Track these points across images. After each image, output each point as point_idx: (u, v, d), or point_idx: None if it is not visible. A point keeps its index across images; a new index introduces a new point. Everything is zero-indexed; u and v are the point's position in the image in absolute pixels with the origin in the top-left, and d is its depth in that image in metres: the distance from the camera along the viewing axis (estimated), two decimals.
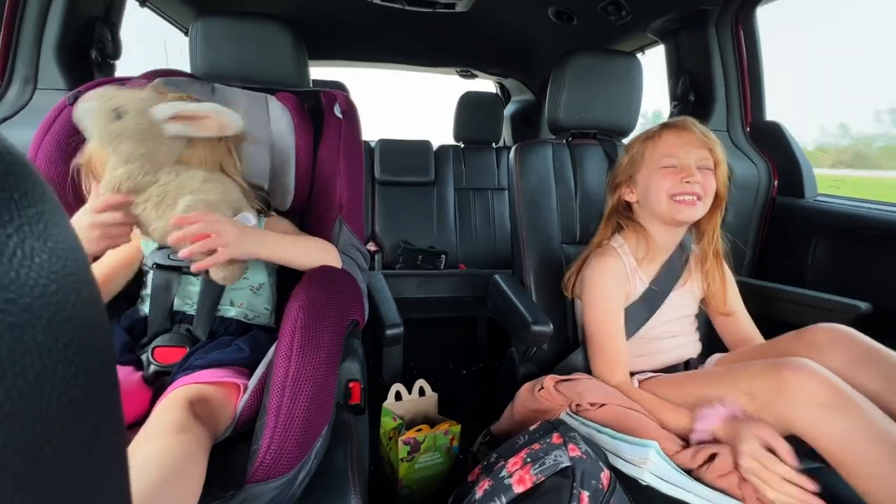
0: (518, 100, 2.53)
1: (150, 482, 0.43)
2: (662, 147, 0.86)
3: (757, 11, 1.26)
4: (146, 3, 1.37)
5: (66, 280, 0.14)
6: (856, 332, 0.71)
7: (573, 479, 0.56)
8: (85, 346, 0.15)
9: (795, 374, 0.61)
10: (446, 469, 1.05)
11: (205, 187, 0.67)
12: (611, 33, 1.57)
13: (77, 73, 1.05)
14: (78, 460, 0.15)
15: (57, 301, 0.14)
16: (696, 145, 0.84)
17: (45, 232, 0.14)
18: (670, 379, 0.80)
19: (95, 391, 0.15)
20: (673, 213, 0.84)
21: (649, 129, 0.91)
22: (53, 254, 0.14)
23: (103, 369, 0.16)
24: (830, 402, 0.58)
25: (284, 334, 0.59)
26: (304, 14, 1.72)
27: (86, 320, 0.15)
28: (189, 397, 0.54)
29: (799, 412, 0.60)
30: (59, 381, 0.14)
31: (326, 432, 0.59)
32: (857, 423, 0.56)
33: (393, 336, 0.90)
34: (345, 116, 0.92)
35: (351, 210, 0.88)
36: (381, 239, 1.90)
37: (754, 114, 1.32)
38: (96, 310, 0.16)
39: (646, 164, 0.88)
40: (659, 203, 0.85)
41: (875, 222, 1.02)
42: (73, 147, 0.78)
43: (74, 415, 0.14)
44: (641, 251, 0.90)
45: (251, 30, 0.94)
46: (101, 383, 0.16)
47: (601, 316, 0.87)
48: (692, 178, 0.82)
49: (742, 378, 0.67)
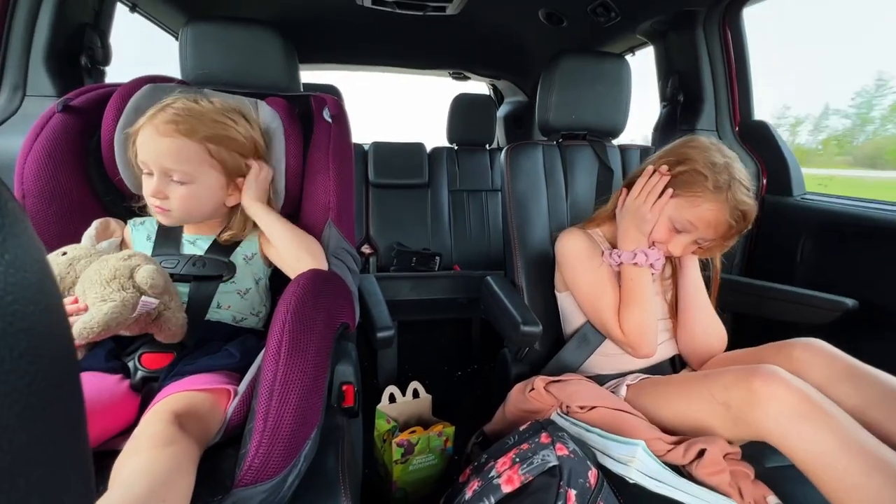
0: (511, 101, 2.54)
1: (136, 495, 0.42)
2: (702, 211, 0.81)
3: (743, 12, 1.27)
4: (136, 9, 1.37)
5: (24, 291, 0.14)
6: (835, 349, 0.71)
7: (560, 478, 0.56)
8: (42, 356, 0.15)
9: (766, 382, 0.61)
10: (441, 470, 1.05)
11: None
12: (600, 35, 1.58)
13: (67, 80, 1.06)
14: (36, 469, 0.15)
15: (13, 312, 0.14)
16: (721, 233, 0.83)
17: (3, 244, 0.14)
18: (652, 388, 0.80)
19: (53, 400, 0.16)
20: (660, 238, 0.88)
21: (721, 169, 0.81)
22: (11, 265, 0.14)
23: (63, 377, 0.17)
24: (801, 412, 0.58)
25: (272, 338, 0.59)
26: (295, 18, 1.72)
27: (44, 330, 0.15)
28: (176, 409, 0.54)
29: (771, 422, 0.60)
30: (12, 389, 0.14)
31: (315, 435, 0.59)
32: (828, 433, 0.56)
33: (384, 339, 0.90)
34: (334, 120, 0.92)
35: (341, 213, 0.88)
36: (375, 241, 1.91)
37: (743, 113, 1.33)
38: (56, 320, 0.16)
39: (681, 193, 0.84)
40: (659, 229, 0.87)
41: (860, 219, 1.03)
42: (63, 153, 0.79)
43: (27, 423, 0.14)
44: (615, 235, 0.94)
45: (241, 35, 0.94)
46: (59, 392, 0.16)
47: (588, 275, 0.89)
48: (676, 251, 0.86)
49: (716, 388, 0.67)
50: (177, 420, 0.52)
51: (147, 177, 0.74)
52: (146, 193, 0.74)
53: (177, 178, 0.72)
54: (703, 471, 0.63)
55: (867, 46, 1.93)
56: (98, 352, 0.66)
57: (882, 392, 0.64)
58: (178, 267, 0.75)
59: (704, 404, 0.68)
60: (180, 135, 0.71)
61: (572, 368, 0.93)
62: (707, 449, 0.64)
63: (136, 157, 0.74)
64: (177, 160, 0.72)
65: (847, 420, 0.58)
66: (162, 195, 0.72)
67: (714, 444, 0.65)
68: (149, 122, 0.72)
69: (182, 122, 0.71)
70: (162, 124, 0.71)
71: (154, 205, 0.74)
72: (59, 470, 0.16)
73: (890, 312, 0.94)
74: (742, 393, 0.63)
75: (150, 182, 0.73)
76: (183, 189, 0.73)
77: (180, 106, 0.73)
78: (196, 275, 0.75)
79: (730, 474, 0.63)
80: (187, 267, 0.75)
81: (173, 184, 0.73)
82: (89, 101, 0.83)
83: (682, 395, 0.73)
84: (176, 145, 0.71)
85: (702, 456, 0.64)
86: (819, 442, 0.56)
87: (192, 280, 0.75)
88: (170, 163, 0.71)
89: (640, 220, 0.87)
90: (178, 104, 0.74)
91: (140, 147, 0.72)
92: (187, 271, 0.75)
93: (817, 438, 0.56)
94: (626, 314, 0.85)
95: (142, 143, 0.72)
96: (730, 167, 0.82)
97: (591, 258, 0.90)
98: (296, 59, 1.00)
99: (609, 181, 1.12)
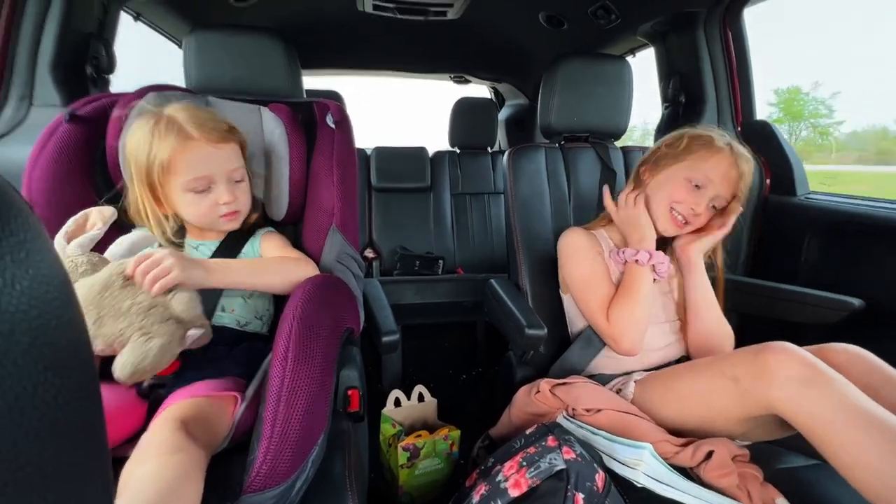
0: (512, 104, 2.54)
1: (145, 503, 0.43)
2: (708, 166, 0.86)
3: (744, 13, 1.27)
4: (140, 18, 1.39)
5: (47, 305, 0.15)
6: (873, 356, 0.71)
7: (568, 482, 0.56)
8: (66, 368, 0.15)
9: (776, 354, 0.62)
10: (447, 475, 1.05)
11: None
12: (601, 37, 1.59)
13: (72, 89, 1.07)
14: (60, 480, 0.15)
15: (38, 326, 0.14)
16: (728, 184, 0.87)
17: (27, 259, 0.15)
18: (661, 375, 0.80)
19: (77, 411, 0.16)
20: (660, 223, 0.90)
21: (708, 131, 0.90)
22: (35, 280, 0.15)
23: (85, 389, 0.17)
24: (808, 379, 0.59)
25: (279, 344, 0.59)
26: (297, 25, 1.74)
27: (67, 343, 0.15)
28: (182, 416, 0.54)
29: (777, 390, 0.61)
30: (40, 402, 0.14)
31: (323, 441, 0.59)
32: (834, 399, 0.57)
33: (389, 343, 0.90)
34: (337, 126, 0.92)
35: (345, 218, 0.88)
36: (378, 246, 1.91)
37: (744, 113, 1.33)
38: (78, 332, 0.17)
39: (678, 164, 0.89)
40: (656, 207, 0.90)
41: (865, 218, 1.02)
42: (70, 163, 0.79)
43: (56, 435, 0.15)
44: (622, 238, 0.94)
45: (244, 42, 0.95)
46: (82, 403, 0.17)
47: (583, 267, 0.91)
48: (699, 208, 0.86)
49: (726, 365, 0.68)
50: (184, 427, 0.52)
51: (201, 194, 0.72)
52: (212, 205, 0.73)
53: (237, 176, 0.76)
54: (711, 473, 0.63)
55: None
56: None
57: None
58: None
59: (714, 380, 0.69)
60: (231, 134, 0.76)
61: (577, 370, 0.93)
62: (715, 451, 0.64)
63: (173, 181, 0.71)
64: (237, 159, 0.76)
65: (849, 386, 0.58)
66: (234, 197, 0.75)
67: (722, 445, 0.64)
68: (189, 139, 0.70)
69: (217, 122, 0.74)
70: (210, 132, 0.71)
71: (227, 212, 0.75)
72: (81, 481, 0.16)
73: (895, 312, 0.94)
74: (751, 366, 0.64)
75: (209, 195, 0.73)
76: (242, 185, 0.78)
77: (190, 111, 0.73)
78: None
79: (738, 476, 0.62)
80: None
81: (236, 184, 0.76)
82: (95, 111, 0.84)
83: (691, 377, 0.74)
84: (229, 147, 0.75)
85: (710, 458, 0.64)
86: (820, 405, 0.57)
87: None
88: (234, 163, 0.75)
89: (632, 224, 0.90)
90: (184, 110, 0.73)
91: (197, 164, 0.71)
92: None
93: (819, 401, 0.58)
94: (616, 306, 0.86)
95: (197, 160, 0.71)
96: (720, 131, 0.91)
97: (586, 251, 0.92)
98: (298, 66, 1.00)
99: (612, 183, 1.12)
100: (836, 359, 0.71)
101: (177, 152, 0.70)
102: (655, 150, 0.95)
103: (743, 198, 0.90)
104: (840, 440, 0.56)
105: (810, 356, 0.62)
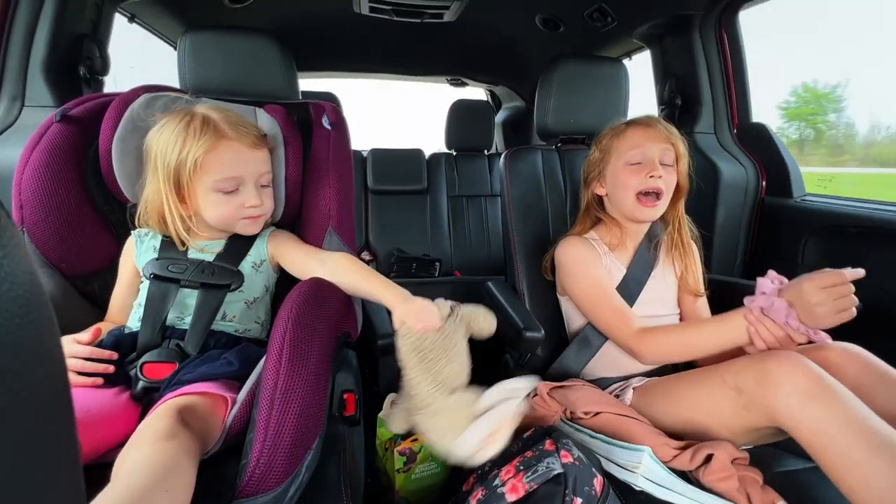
0: (508, 107, 2.55)
1: (139, 485, 0.43)
2: (628, 141, 0.90)
3: (739, 15, 1.28)
4: (135, 19, 1.38)
5: (8, 304, 0.14)
6: (871, 355, 0.71)
7: (566, 486, 0.55)
8: (26, 368, 0.14)
9: (780, 364, 0.62)
10: (444, 479, 1.04)
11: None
12: (597, 39, 1.59)
13: (65, 90, 1.06)
14: (17, 493, 0.14)
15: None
16: (659, 140, 0.88)
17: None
18: (660, 383, 0.80)
19: (39, 410, 0.15)
20: (636, 214, 0.90)
21: (616, 125, 0.95)
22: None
23: (50, 390, 0.16)
24: (812, 392, 0.58)
25: (273, 347, 0.58)
26: (293, 26, 1.73)
27: (30, 344, 0.15)
28: (178, 406, 0.54)
29: (781, 401, 0.60)
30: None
31: (317, 445, 0.58)
32: (835, 412, 0.57)
33: (385, 346, 0.89)
34: (333, 127, 0.92)
35: (341, 220, 0.88)
36: (375, 248, 1.90)
37: (741, 116, 1.34)
38: (45, 331, 0.16)
39: (613, 159, 0.92)
40: (625, 201, 0.90)
41: (861, 220, 1.02)
42: (61, 163, 0.78)
43: (13, 447, 0.14)
44: (615, 239, 0.94)
45: (239, 43, 0.94)
46: (46, 403, 0.16)
47: (589, 279, 0.90)
48: (655, 172, 0.86)
49: (728, 373, 0.68)
50: (180, 416, 0.52)
51: (229, 195, 0.73)
52: (238, 206, 0.74)
53: (265, 181, 0.78)
54: (710, 477, 0.63)
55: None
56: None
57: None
58: (186, 273, 0.74)
59: (715, 389, 0.68)
60: (265, 141, 0.79)
61: (574, 372, 0.93)
62: (715, 454, 0.63)
63: (203, 179, 0.72)
64: (266, 164, 0.78)
65: (856, 402, 0.58)
66: (261, 202, 0.76)
67: (722, 449, 0.64)
68: (223, 138, 0.72)
69: (253, 127, 0.77)
70: (248, 135, 0.74)
71: (253, 215, 0.76)
72: (50, 476, 0.15)
73: (894, 313, 0.94)
74: (755, 375, 0.63)
75: (237, 196, 0.74)
76: (268, 191, 0.79)
77: (223, 112, 0.75)
78: (204, 282, 0.74)
79: (738, 480, 0.62)
80: (196, 273, 0.74)
81: (263, 189, 0.77)
82: (88, 111, 0.83)
83: (692, 385, 0.73)
84: (262, 151, 0.77)
85: (709, 461, 0.64)
86: (824, 420, 0.57)
87: (200, 287, 0.74)
88: (265, 168, 0.78)
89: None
90: (217, 112, 0.75)
91: (231, 163, 0.73)
92: (196, 277, 0.74)
93: (823, 416, 0.57)
94: (666, 336, 0.79)
95: (233, 160, 0.73)
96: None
97: (587, 263, 0.91)
98: (294, 67, 1.00)
99: None
100: (833, 358, 0.71)
101: (210, 151, 0.71)
102: (587, 168, 0.99)
103: (682, 149, 0.91)
104: (843, 461, 0.55)
105: (815, 367, 0.61)
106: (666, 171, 0.87)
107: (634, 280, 0.92)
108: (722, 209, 1.25)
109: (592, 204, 0.98)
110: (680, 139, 0.90)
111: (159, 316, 0.71)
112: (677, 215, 0.95)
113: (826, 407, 0.57)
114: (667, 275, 0.96)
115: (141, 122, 0.78)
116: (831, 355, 0.72)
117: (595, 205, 0.98)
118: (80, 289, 0.81)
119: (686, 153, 0.91)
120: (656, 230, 0.96)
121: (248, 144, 0.74)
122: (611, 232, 0.95)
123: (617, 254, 0.94)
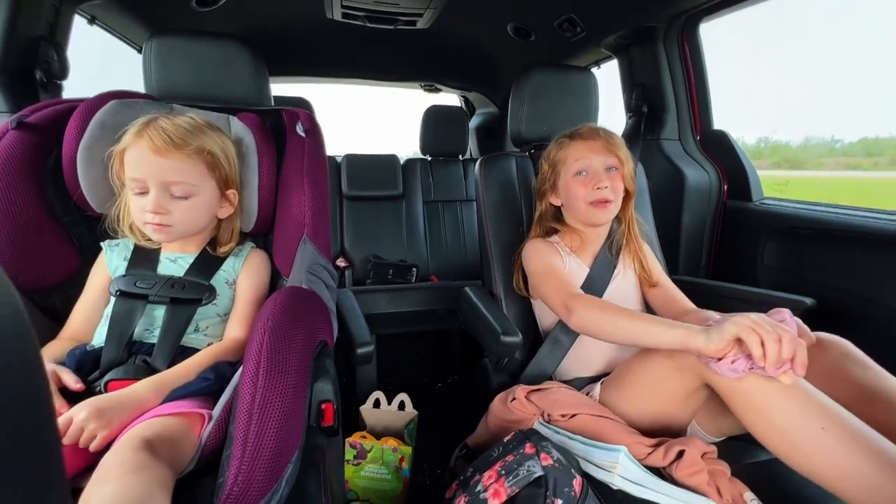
0: (482, 112, 2.58)
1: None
2: (573, 154, 0.95)
3: (700, 28, 1.34)
4: (95, 21, 1.32)
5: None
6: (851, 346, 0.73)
7: (546, 488, 0.56)
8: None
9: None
10: (398, 493, 1.01)
11: None
12: (567, 48, 1.63)
13: (21, 95, 1.01)
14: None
15: None
16: (600, 152, 0.93)
17: None
18: (617, 374, 0.81)
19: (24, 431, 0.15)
20: (591, 218, 0.95)
21: (561, 138, 0.99)
22: None
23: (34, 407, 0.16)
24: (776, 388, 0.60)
25: (249, 359, 0.57)
26: (264, 32, 1.71)
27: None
28: (145, 435, 0.51)
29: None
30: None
31: (297, 458, 0.57)
32: (804, 407, 0.58)
33: (364, 354, 0.88)
34: (307, 134, 0.91)
35: (316, 228, 0.87)
36: (350, 254, 1.88)
37: (703, 123, 1.40)
38: (19, 345, 0.15)
39: (563, 171, 0.96)
40: (578, 210, 0.95)
41: (814, 222, 1.09)
42: (17, 172, 0.74)
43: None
44: (575, 243, 0.98)
45: (208, 48, 0.92)
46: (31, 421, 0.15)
47: (541, 262, 0.94)
48: (601, 183, 0.90)
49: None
50: (147, 446, 0.49)
51: (139, 196, 0.72)
52: (141, 210, 0.72)
53: (178, 192, 0.73)
54: (682, 472, 0.65)
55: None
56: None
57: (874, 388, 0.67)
58: (154, 289, 0.72)
59: (655, 364, 0.73)
60: (178, 148, 0.71)
61: (548, 372, 0.94)
62: (686, 450, 0.66)
63: (124, 174, 0.72)
64: (180, 174, 0.72)
65: (821, 395, 0.59)
66: (164, 210, 0.71)
67: (692, 444, 0.66)
68: (140, 138, 0.71)
69: (178, 135, 0.72)
70: (158, 139, 0.70)
71: (153, 221, 0.72)
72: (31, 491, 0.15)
73: (844, 309, 1.00)
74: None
75: (144, 199, 0.71)
76: (185, 203, 0.74)
77: (172, 120, 0.73)
78: (174, 297, 0.72)
79: (708, 473, 0.64)
80: (165, 289, 0.73)
81: (174, 198, 0.73)
82: (46, 118, 0.79)
83: (638, 366, 0.76)
84: (177, 158, 0.72)
85: (681, 457, 0.66)
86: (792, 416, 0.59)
87: (170, 302, 0.72)
88: (173, 177, 0.72)
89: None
90: (165, 119, 0.73)
91: (134, 164, 0.71)
92: (164, 293, 0.72)
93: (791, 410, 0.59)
94: (601, 310, 0.78)
95: (135, 160, 0.71)
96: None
97: (543, 252, 0.96)
98: (265, 73, 0.98)
99: None
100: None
101: (128, 149, 0.71)
102: (539, 181, 1.03)
103: (623, 154, 0.94)
104: (809, 449, 0.57)
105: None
106: (612, 178, 0.92)
107: (598, 277, 0.96)
108: (688, 213, 1.31)
109: (546, 214, 1.03)
110: (621, 146, 0.95)
111: (125, 333, 0.69)
112: (628, 215, 1.00)
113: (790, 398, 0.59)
114: (628, 274, 0.99)
115: (110, 129, 0.76)
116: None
117: (551, 215, 1.03)
118: (38, 304, 0.77)
119: (628, 158, 0.96)
120: (615, 231, 1.01)
121: (151, 148, 0.70)
122: (571, 238, 0.99)
123: (579, 255, 0.98)
